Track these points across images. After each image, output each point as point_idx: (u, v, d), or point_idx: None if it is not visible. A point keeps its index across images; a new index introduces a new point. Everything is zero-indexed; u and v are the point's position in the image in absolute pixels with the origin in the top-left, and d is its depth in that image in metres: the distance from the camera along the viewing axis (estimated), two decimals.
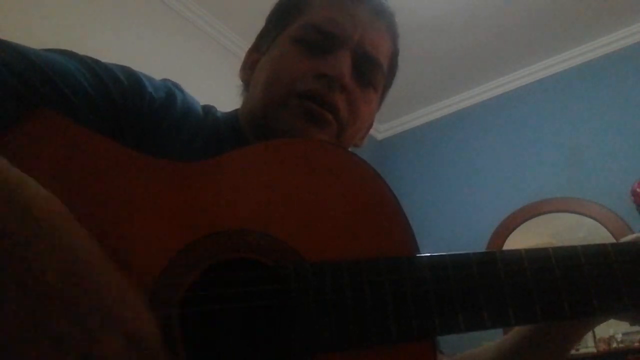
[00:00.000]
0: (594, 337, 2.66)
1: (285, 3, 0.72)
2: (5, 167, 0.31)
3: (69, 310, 0.29)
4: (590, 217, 2.85)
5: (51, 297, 0.29)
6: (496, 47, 3.16)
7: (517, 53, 3.22)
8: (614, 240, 0.53)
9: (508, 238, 3.03)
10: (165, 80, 0.67)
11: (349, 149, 0.72)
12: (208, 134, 0.65)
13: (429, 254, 0.48)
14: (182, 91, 0.67)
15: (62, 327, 0.29)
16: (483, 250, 0.49)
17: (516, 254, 0.48)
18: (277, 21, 0.71)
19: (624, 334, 2.62)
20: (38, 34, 1.89)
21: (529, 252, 0.49)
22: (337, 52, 0.64)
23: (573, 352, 0.61)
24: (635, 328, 2.51)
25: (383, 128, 3.89)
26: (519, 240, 2.98)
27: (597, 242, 0.50)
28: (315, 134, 0.63)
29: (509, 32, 3.04)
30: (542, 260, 0.48)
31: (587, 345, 2.66)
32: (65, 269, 0.30)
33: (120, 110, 0.56)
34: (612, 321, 0.55)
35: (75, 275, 0.31)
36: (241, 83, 0.75)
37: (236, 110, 0.72)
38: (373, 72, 0.68)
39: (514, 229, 3.05)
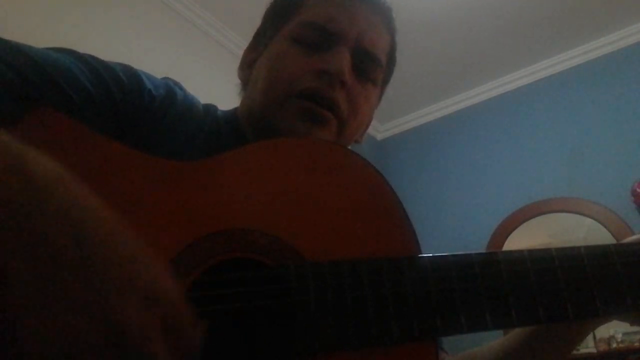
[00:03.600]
0: (594, 337, 2.66)
1: (281, 1, 0.72)
2: (5, 138, 0.30)
3: (82, 275, 0.29)
4: (590, 217, 2.85)
5: (62, 263, 0.28)
6: (496, 47, 3.16)
7: (517, 53, 3.21)
8: (614, 241, 0.53)
9: (508, 238, 3.03)
10: (165, 78, 0.67)
11: (350, 146, 0.72)
12: (208, 133, 0.65)
13: (430, 254, 0.48)
14: (182, 89, 0.67)
15: (76, 293, 0.28)
16: (483, 250, 0.49)
17: (519, 255, 0.48)
18: (274, 19, 0.71)
19: (624, 334, 2.62)
20: (38, 33, 1.89)
21: (532, 253, 0.48)
22: (336, 49, 0.64)
23: (573, 352, 0.60)
24: (635, 328, 2.51)
25: (383, 128, 3.89)
26: (519, 240, 2.98)
27: (597, 242, 0.50)
28: (316, 133, 0.63)
29: (509, 32, 3.03)
30: (545, 261, 0.48)
31: (588, 345, 2.66)
32: (74, 234, 0.29)
33: (120, 108, 0.56)
34: (612, 321, 0.55)
35: (85, 239, 0.30)
36: (239, 82, 0.75)
37: (235, 109, 0.72)
38: (372, 68, 0.68)
39: (514, 229, 3.05)
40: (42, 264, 0.28)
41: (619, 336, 2.63)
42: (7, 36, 0.51)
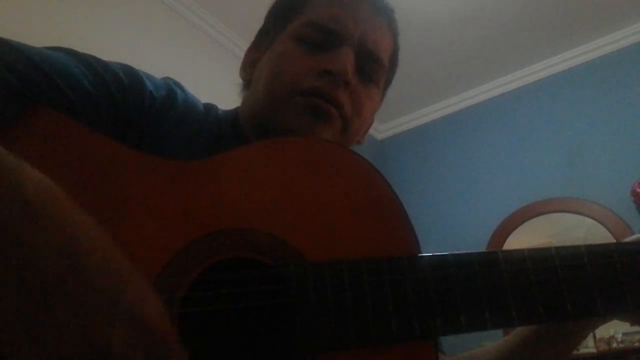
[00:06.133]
0: (594, 337, 2.66)
1: (284, 1, 0.72)
2: (2, 152, 0.30)
3: (68, 300, 0.29)
4: (590, 217, 2.85)
5: (49, 287, 0.28)
6: (496, 47, 3.16)
7: (518, 53, 3.22)
8: (614, 241, 0.53)
9: (508, 238, 3.03)
10: (166, 78, 0.67)
11: (351, 147, 0.72)
12: (209, 133, 0.65)
13: (430, 254, 0.48)
14: (183, 90, 0.67)
15: (62, 317, 0.28)
16: (483, 250, 0.49)
17: (519, 254, 0.48)
18: (277, 19, 0.71)
19: (624, 334, 2.62)
20: (38, 33, 1.88)
21: (532, 252, 0.48)
22: (340, 49, 0.64)
23: (573, 352, 0.60)
24: (636, 328, 2.51)
25: (383, 128, 3.89)
26: (519, 240, 2.98)
27: (597, 242, 0.50)
28: (321, 130, 0.63)
29: (509, 32, 3.03)
30: (545, 260, 0.48)
31: (588, 345, 2.66)
32: (61, 257, 0.29)
33: (121, 109, 0.56)
34: (612, 321, 0.55)
35: (73, 262, 0.29)
36: (241, 82, 0.75)
37: (236, 109, 0.72)
38: (375, 69, 0.68)
39: (514, 229, 3.05)
40: (32, 292, 0.28)
41: (619, 336, 2.62)
42: (7, 36, 0.51)
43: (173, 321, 0.37)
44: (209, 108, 0.69)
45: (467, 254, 0.48)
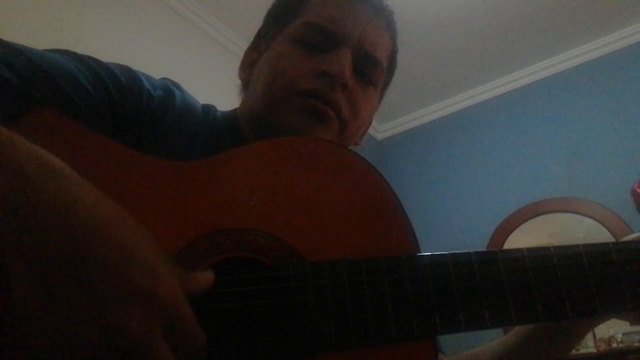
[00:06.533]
0: (594, 337, 2.65)
1: (283, 2, 0.72)
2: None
3: (78, 278, 0.28)
4: (590, 217, 2.85)
5: (57, 265, 0.28)
6: (496, 48, 3.16)
7: (517, 53, 3.22)
8: (614, 240, 0.53)
9: (508, 238, 3.03)
10: (164, 79, 0.67)
11: (350, 148, 0.72)
12: (207, 133, 0.65)
13: (429, 253, 0.48)
14: (181, 90, 0.67)
15: (73, 295, 0.28)
16: (483, 250, 0.49)
17: (518, 253, 0.48)
18: (275, 20, 0.71)
19: (624, 334, 2.61)
20: (38, 33, 1.89)
21: (531, 251, 0.48)
22: (338, 50, 0.64)
23: (573, 352, 0.60)
24: (636, 328, 2.51)
25: (383, 128, 3.89)
26: (518, 240, 2.98)
27: (597, 242, 0.50)
28: (318, 132, 0.63)
29: (509, 32, 3.04)
30: (544, 260, 0.48)
31: (587, 345, 2.66)
32: (67, 234, 0.29)
33: (119, 109, 0.56)
34: (612, 321, 0.55)
35: (79, 240, 0.29)
36: (240, 82, 0.75)
37: (235, 110, 0.72)
38: (373, 71, 0.68)
39: (514, 229, 3.05)
40: (41, 268, 0.28)
41: (619, 336, 2.62)
42: (7, 37, 0.51)
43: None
44: (208, 109, 0.70)
45: (466, 253, 0.48)
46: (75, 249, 0.29)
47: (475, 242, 2.98)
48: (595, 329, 2.06)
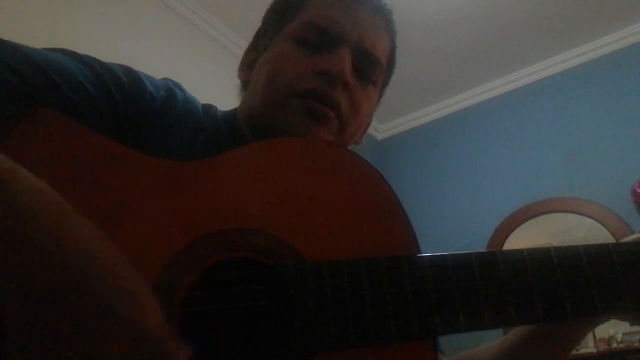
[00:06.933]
0: (594, 337, 2.66)
1: (282, 1, 0.72)
2: None
3: (66, 311, 0.29)
4: (590, 217, 2.85)
5: (46, 298, 0.28)
6: (496, 48, 3.16)
7: (517, 53, 3.22)
8: (614, 240, 0.53)
9: (508, 238, 3.03)
10: (165, 79, 0.67)
11: (350, 148, 0.72)
12: (208, 133, 0.65)
13: (429, 254, 0.48)
14: (182, 90, 0.67)
15: (62, 328, 0.28)
16: (483, 250, 0.49)
17: (518, 254, 0.48)
18: (274, 20, 0.71)
19: (624, 334, 2.61)
20: (38, 34, 1.89)
21: (531, 252, 0.48)
22: (337, 49, 0.64)
23: (573, 352, 0.60)
24: (636, 328, 2.51)
25: (383, 128, 3.89)
26: (519, 240, 2.98)
27: (597, 242, 0.50)
28: (318, 132, 0.63)
29: (509, 32, 3.03)
30: (543, 260, 0.48)
31: (587, 345, 2.66)
32: (57, 267, 0.29)
33: (121, 110, 0.56)
34: (612, 321, 0.55)
35: (68, 272, 0.29)
36: (239, 83, 0.75)
37: (235, 109, 0.72)
38: (372, 70, 0.68)
39: (514, 229, 3.05)
40: (31, 300, 0.28)
41: (619, 336, 2.62)
42: (6, 36, 0.51)
43: (173, 326, 0.37)
44: (208, 109, 0.69)
45: (466, 254, 0.48)
46: (66, 282, 0.29)
47: (475, 242, 2.98)
48: (595, 329, 2.06)
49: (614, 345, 2.63)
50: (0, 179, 0.29)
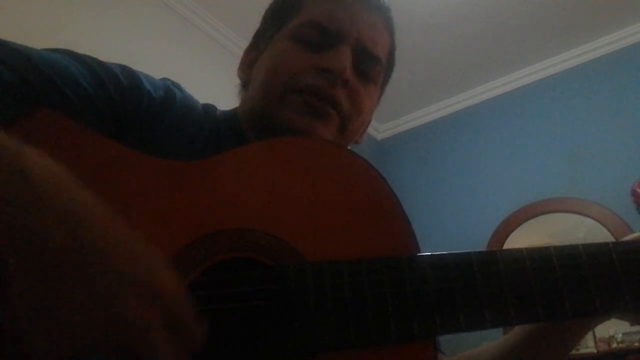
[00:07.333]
0: (594, 337, 2.65)
1: (282, 1, 0.72)
2: (2, 137, 0.30)
3: (81, 274, 0.29)
4: (590, 217, 2.85)
5: (61, 262, 0.28)
6: (496, 47, 3.16)
7: (518, 53, 3.22)
8: (614, 241, 0.53)
9: (508, 238, 3.03)
10: (164, 79, 0.67)
11: (350, 147, 0.72)
12: (208, 133, 0.65)
13: (429, 253, 0.48)
14: (181, 90, 0.67)
15: (76, 291, 0.28)
16: (483, 250, 0.49)
17: (517, 253, 0.48)
18: (274, 19, 0.71)
19: (624, 334, 2.61)
20: (37, 33, 1.88)
21: (531, 251, 0.48)
22: (337, 48, 0.64)
23: (573, 352, 0.60)
24: (636, 328, 2.51)
25: (383, 128, 3.89)
26: (519, 240, 2.98)
27: (598, 242, 0.50)
28: (318, 129, 0.63)
29: (509, 32, 3.03)
30: (543, 260, 0.48)
31: (587, 345, 2.66)
32: (68, 233, 0.29)
33: (120, 110, 0.56)
34: (612, 321, 0.55)
35: (79, 237, 0.30)
36: (239, 82, 0.75)
37: (235, 109, 0.72)
38: (372, 68, 0.68)
39: (514, 229, 3.05)
40: (40, 263, 0.28)
41: (619, 336, 2.62)
42: (7, 36, 0.51)
43: (188, 289, 0.37)
44: (208, 108, 0.70)
45: (465, 253, 0.48)
46: (78, 244, 0.30)
47: (475, 242, 2.98)
48: (595, 329, 2.06)
49: (614, 345, 2.63)
50: (8, 152, 0.29)
